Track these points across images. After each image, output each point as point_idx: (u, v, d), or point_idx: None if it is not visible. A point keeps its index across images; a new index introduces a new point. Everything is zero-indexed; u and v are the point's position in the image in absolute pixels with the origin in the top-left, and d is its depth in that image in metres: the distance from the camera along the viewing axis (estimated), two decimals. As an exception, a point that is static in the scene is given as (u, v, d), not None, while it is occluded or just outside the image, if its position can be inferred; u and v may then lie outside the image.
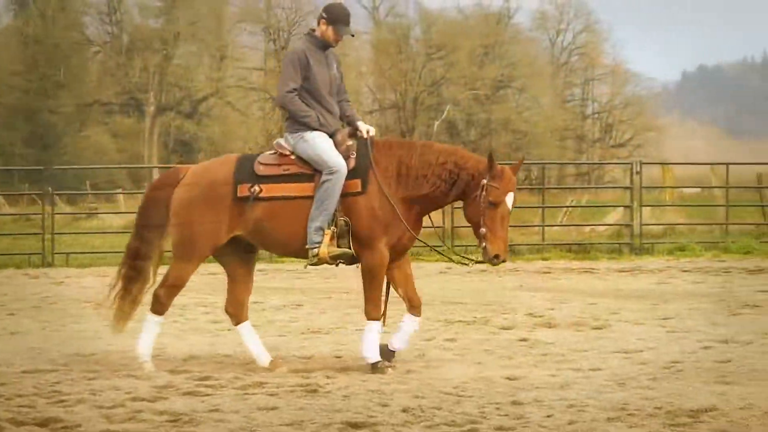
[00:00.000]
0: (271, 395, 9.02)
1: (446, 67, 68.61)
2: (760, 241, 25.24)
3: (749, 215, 28.37)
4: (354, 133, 10.38)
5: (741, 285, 18.20)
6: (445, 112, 67.06)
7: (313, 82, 10.22)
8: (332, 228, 9.96)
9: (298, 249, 10.18)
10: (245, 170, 10.23)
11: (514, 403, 8.69)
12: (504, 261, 9.83)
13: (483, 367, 10.37)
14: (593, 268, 21.96)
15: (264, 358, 10.39)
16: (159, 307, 10.35)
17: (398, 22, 71.94)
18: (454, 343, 12.00)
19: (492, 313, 14.60)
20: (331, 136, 10.23)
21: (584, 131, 78.76)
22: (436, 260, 21.83)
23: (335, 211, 9.97)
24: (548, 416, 8.23)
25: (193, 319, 14.24)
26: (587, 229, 27.57)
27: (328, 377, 9.79)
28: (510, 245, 12.51)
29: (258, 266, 11.76)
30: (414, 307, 10.33)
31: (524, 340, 12.29)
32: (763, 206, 28.02)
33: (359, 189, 10.02)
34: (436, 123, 66.87)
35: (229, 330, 11.55)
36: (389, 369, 10.02)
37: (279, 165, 10.21)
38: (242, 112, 65.11)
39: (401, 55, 68.18)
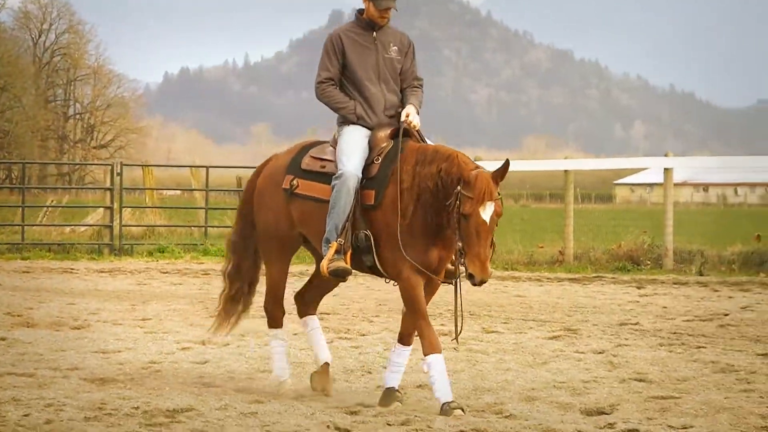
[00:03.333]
0: None
1: None
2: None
3: (228, 218, 29.13)
4: (397, 132, 8.79)
5: (219, 287, 18.56)
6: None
7: (353, 68, 8.85)
8: (339, 241, 8.57)
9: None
10: (297, 160, 9.02)
11: None
12: (482, 282, 8.01)
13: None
14: (73, 269, 21.76)
15: (324, 356, 9.42)
16: (271, 321, 9.37)
17: None
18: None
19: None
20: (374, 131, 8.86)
21: (66, 131, 77.80)
22: None
23: (347, 222, 8.57)
24: (25, 415, 8.08)
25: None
26: (68, 229, 27.22)
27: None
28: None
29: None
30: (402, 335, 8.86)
31: (2, 339, 12.00)
32: (240, 210, 28.76)
33: (371, 201, 8.58)
34: None
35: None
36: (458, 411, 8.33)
37: (321, 160, 8.89)
38: None
39: None
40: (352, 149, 8.66)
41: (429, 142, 8.86)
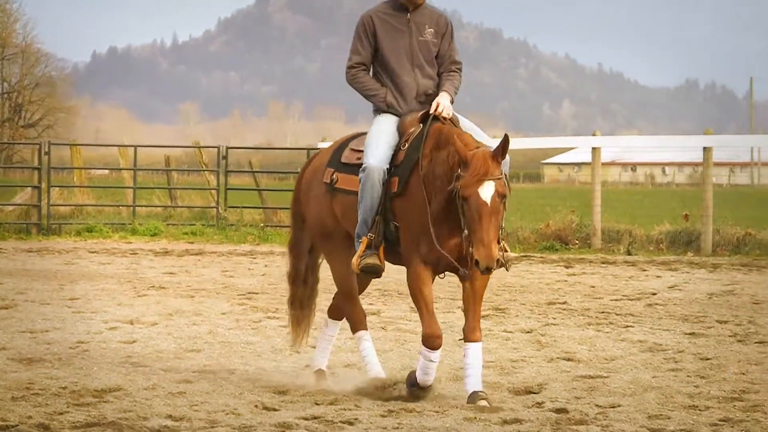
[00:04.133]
0: None
1: None
2: (167, 223, 25.87)
3: (157, 198, 28.97)
4: (427, 116, 8.21)
5: (148, 266, 18.56)
6: None
7: (385, 52, 8.26)
8: (369, 236, 8.10)
9: None
10: (338, 154, 8.56)
11: None
12: (489, 270, 7.48)
13: None
14: (0, 248, 21.56)
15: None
16: (351, 324, 8.71)
17: None
18: None
19: None
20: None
21: (-6, 111, 76.91)
22: None
23: (377, 215, 8.10)
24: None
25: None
26: (-5, 208, 26.93)
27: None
28: None
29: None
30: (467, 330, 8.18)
31: (-74, 321, 11.88)
32: (170, 189, 28.72)
33: (395, 189, 8.05)
34: None
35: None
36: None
37: (358, 152, 8.35)
38: None
39: None
40: (379, 140, 8.17)
41: (464, 125, 8.27)
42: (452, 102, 8.17)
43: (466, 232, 7.54)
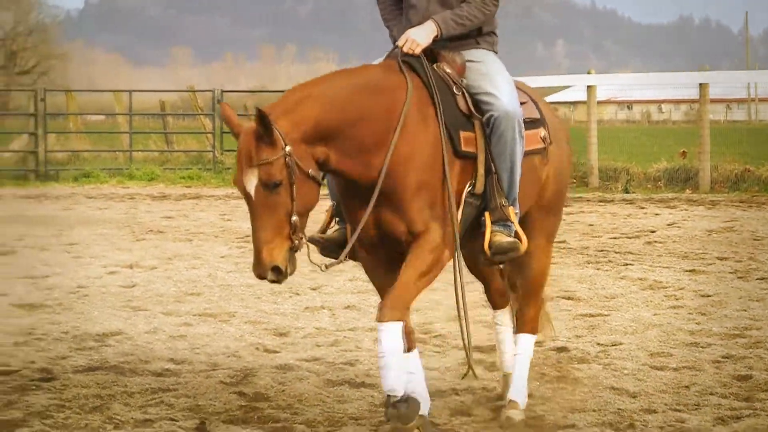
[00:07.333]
0: None
1: None
2: (164, 167, 25.82)
3: (153, 142, 28.89)
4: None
5: (145, 211, 18.54)
6: None
7: None
8: None
9: None
10: None
11: None
12: (259, 276, 5.44)
13: None
14: (-3, 195, 21.56)
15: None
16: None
17: None
18: None
19: None
20: None
21: (-12, 58, 76.54)
22: None
23: None
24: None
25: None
26: (-9, 155, 26.91)
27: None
28: None
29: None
30: None
31: None
32: (166, 133, 28.65)
33: None
34: None
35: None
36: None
37: None
38: None
39: None
40: None
41: (481, 70, 6.19)
42: (440, 34, 6.09)
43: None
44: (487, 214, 5.90)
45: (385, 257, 5.96)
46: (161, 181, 24.60)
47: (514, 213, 5.94)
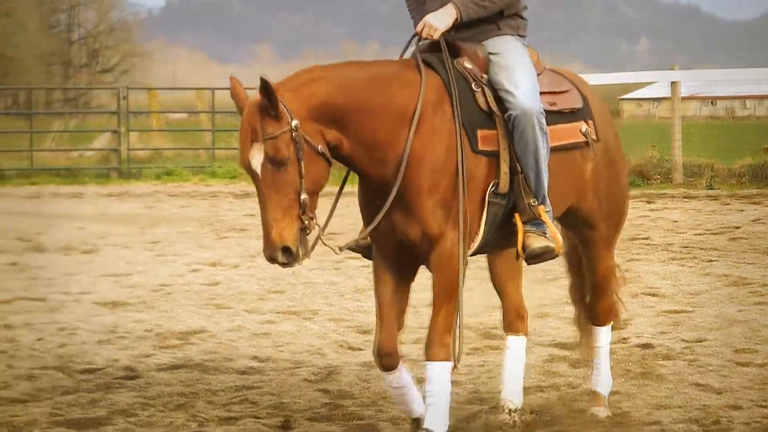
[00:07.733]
0: None
1: None
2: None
3: (235, 140, 29.02)
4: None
5: (227, 209, 18.65)
6: None
7: None
8: None
9: None
10: None
11: (5, 326, 8.51)
12: (270, 259, 5.38)
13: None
14: (81, 193, 21.79)
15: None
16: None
17: None
18: None
19: None
20: None
21: (71, 57, 77.68)
22: None
23: None
24: (39, 339, 8.12)
25: None
26: (75, 153, 27.21)
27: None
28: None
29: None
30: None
31: (13, 264, 12.04)
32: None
33: None
34: None
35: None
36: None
37: None
38: None
39: None
40: None
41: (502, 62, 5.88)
42: (460, 17, 5.76)
43: None
44: (517, 215, 5.73)
45: (395, 263, 5.94)
46: (243, 179, 24.70)
47: (544, 211, 5.73)
